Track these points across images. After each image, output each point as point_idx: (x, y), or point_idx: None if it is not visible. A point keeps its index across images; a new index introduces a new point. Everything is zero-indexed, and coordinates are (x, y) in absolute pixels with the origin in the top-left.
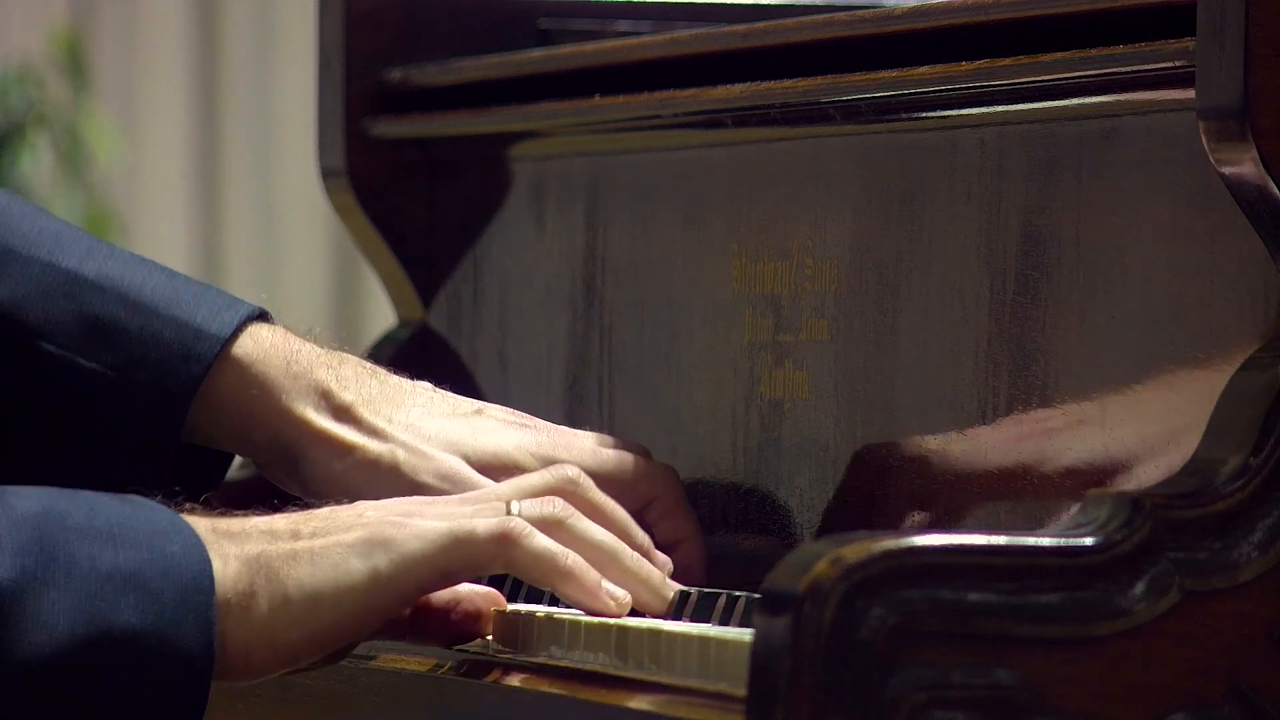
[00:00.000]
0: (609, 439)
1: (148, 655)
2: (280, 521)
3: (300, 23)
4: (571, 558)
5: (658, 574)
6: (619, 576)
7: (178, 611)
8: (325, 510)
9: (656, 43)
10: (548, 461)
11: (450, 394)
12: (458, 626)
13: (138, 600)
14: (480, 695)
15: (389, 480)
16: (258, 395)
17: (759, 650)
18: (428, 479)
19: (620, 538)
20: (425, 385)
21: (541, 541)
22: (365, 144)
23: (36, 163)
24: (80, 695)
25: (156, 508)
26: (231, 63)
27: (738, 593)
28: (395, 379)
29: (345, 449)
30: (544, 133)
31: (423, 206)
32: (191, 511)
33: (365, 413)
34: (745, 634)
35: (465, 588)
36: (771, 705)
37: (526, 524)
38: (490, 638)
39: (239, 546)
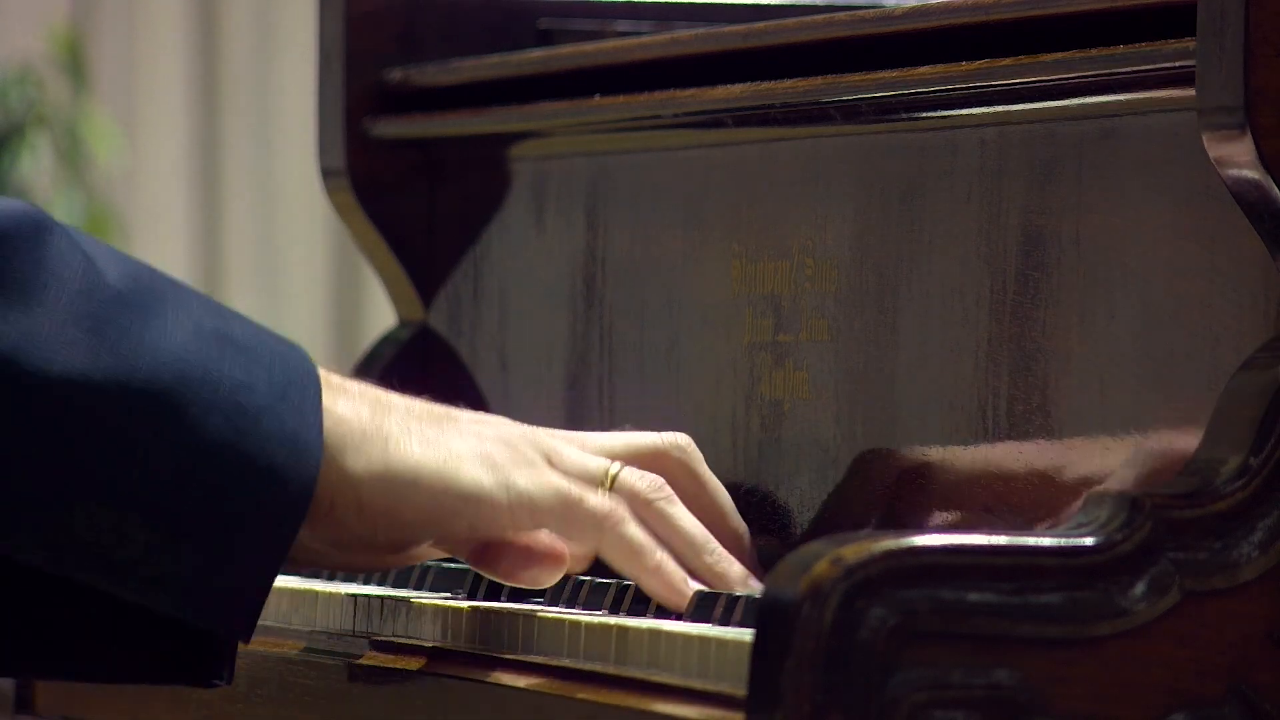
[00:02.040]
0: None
1: (252, 413)
2: (397, 397)
3: (300, 23)
4: (660, 556)
5: (735, 571)
6: (696, 569)
7: (286, 389)
8: (442, 407)
9: (656, 43)
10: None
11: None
12: (530, 566)
13: (247, 362)
14: (478, 694)
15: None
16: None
17: (759, 650)
18: None
19: (717, 519)
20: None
21: (636, 533)
22: (365, 144)
23: (36, 163)
24: (176, 426)
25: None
26: (231, 63)
27: (738, 593)
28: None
29: None
30: (544, 133)
31: (423, 206)
32: None
33: None
34: (745, 634)
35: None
36: (771, 705)
37: (626, 512)
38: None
39: (352, 401)
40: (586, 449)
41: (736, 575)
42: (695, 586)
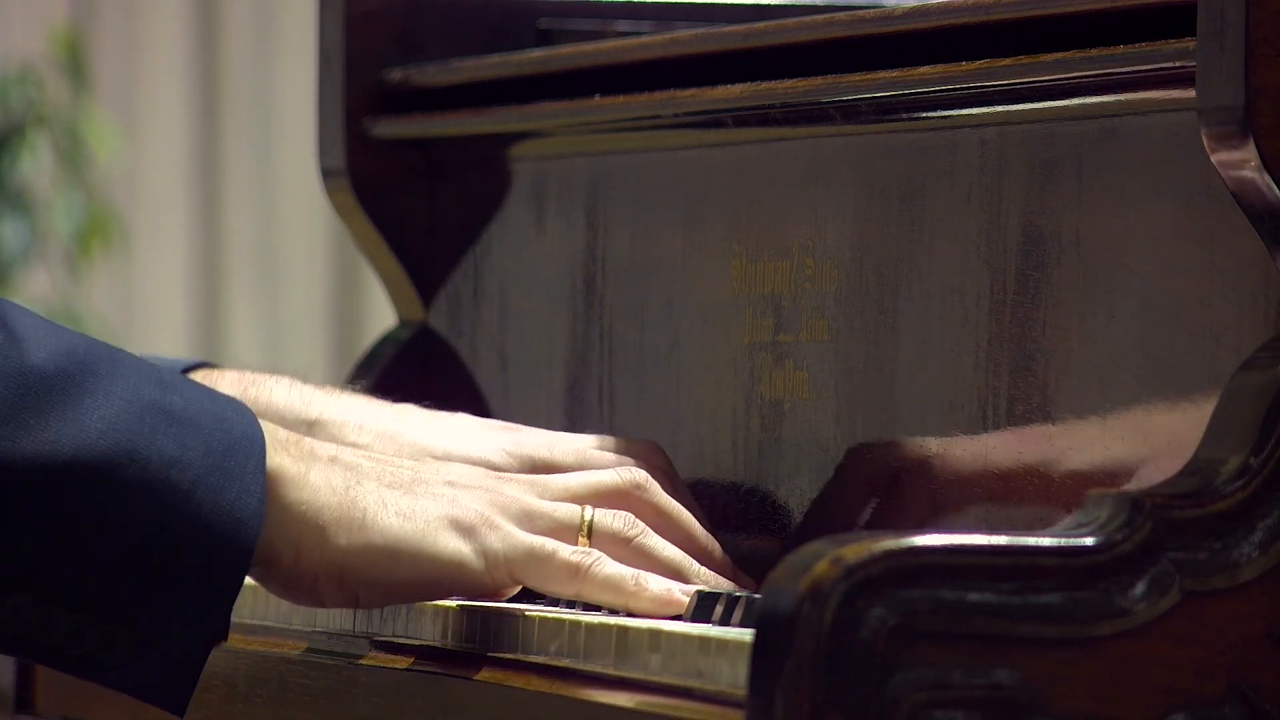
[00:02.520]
0: (591, 438)
1: (181, 489)
2: (365, 459)
3: (300, 23)
4: (638, 578)
5: (725, 585)
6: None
7: (223, 461)
8: (411, 462)
9: (656, 43)
10: (527, 461)
11: (427, 410)
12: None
13: (180, 434)
14: (479, 695)
15: None
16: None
17: (759, 650)
18: None
19: (684, 542)
20: (405, 405)
21: (611, 570)
22: (365, 144)
23: (36, 163)
24: (101, 507)
25: (220, 392)
26: (231, 63)
27: (738, 593)
28: (364, 397)
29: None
30: (544, 133)
31: (423, 206)
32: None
33: (336, 429)
34: (745, 634)
35: None
36: (771, 706)
37: (599, 555)
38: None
39: (326, 469)
40: (549, 493)
41: (727, 588)
42: (681, 592)
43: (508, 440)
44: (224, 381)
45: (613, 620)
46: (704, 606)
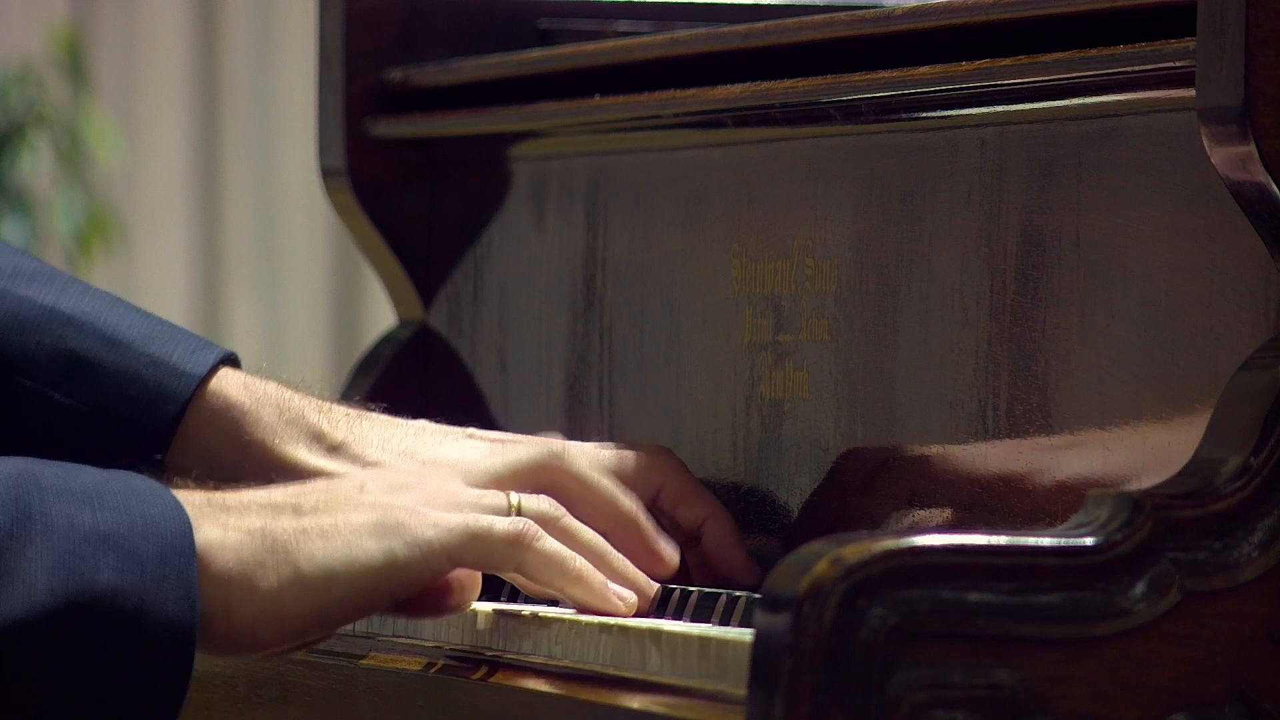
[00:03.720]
0: (606, 444)
1: (129, 615)
2: (278, 494)
3: (300, 22)
4: (580, 561)
5: (642, 575)
6: (609, 575)
7: (159, 570)
8: (322, 484)
9: (656, 43)
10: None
11: (442, 425)
12: (447, 600)
13: (118, 559)
14: (479, 695)
15: None
16: (249, 440)
17: (759, 650)
18: None
19: (608, 507)
20: (421, 422)
21: (552, 545)
22: (365, 144)
23: (36, 163)
24: (60, 654)
25: (136, 476)
26: (231, 63)
27: (738, 593)
28: (386, 417)
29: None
30: (544, 133)
31: (423, 206)
32: (185, 486)
33: (359, 448)
34: (745, 634)
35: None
36: (771, 705)
37: (537, 526)
38: (489, 636)
39: (240, 518)
40: (472, 478)
41: (643, 578)
42: (616, 589)
43: (523, 452)
44: (256, 395)
45: (613, 620)
46: (704, 606)
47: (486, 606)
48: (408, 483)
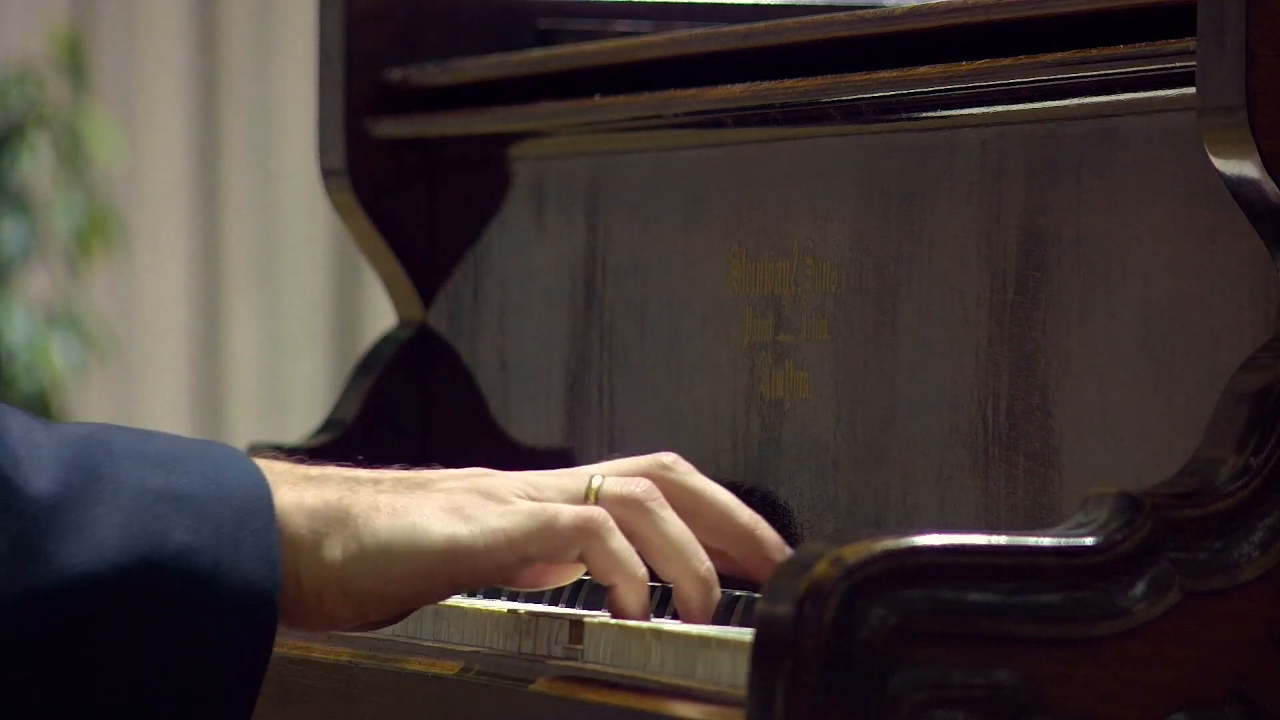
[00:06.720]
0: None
1: (204, 575)
2: (363, 472)
3: (300, 22)
4: (642, 571)
5: (716, 590)
6: (677, 574)
7: (236, 531)
8: (409, 472)
9: (656, 43)
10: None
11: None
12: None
13: (192, 519)
14: (479, 695)
15: None
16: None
17: (759, 650)
18: None
19: (722, 521)
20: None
21: (620, 543)
22: (365, 144)
23: (36, 163)
24: (133, 613)
25: (214, 443)
26: (231, 63)
27: (738, 592)
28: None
29: None
30: (544, 133)
31: (423, 206)
32: (272, 457)
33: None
34: (745, 634)
35: None
36: (771, 705)
37: (609, 520)
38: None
39: (319, 488)
40: (568, 474)
41: (716, 591)
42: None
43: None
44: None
45: (612, 620)
46: None
47: (488, 607)
48: (503, 479)
